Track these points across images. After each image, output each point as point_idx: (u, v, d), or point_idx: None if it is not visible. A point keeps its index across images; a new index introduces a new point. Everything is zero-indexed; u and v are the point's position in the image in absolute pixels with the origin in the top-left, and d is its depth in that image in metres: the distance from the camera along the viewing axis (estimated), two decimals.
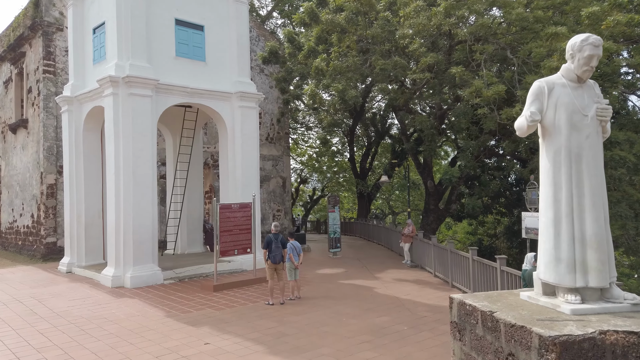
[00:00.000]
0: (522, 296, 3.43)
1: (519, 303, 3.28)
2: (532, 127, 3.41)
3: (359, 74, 15.94)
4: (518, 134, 3.60)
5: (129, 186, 13.06)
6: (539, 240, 3.39)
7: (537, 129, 3.53)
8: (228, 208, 13.05)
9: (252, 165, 15.85)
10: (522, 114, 3.54)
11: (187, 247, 17.97)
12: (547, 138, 3.41)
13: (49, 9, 18.56)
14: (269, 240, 10.80)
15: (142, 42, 13.61)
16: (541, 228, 3.37)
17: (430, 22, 15.28)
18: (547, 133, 3.43)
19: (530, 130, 3.43)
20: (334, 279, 13.77)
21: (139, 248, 13.09)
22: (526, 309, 3.13)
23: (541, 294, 3.30)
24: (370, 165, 33.92)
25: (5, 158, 22.25)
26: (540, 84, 3.52)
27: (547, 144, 3.41)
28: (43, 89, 18.36)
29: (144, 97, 13.37)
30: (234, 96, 15.48)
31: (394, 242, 19.84)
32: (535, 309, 3.12)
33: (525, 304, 3.26)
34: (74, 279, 14.04)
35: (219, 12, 15.49)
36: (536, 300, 3.26)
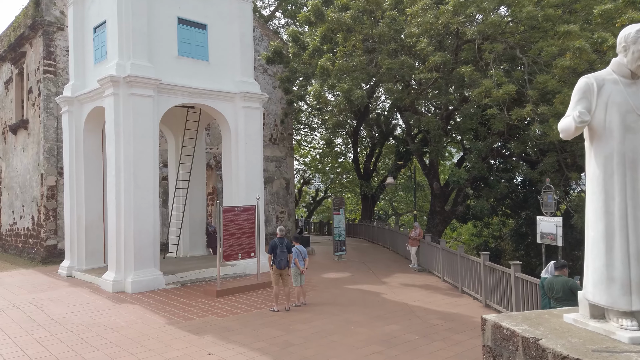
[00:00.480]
0: (567, 319, 3.07)
1: (564, 327, 2.92)
2: (580, 129, 3.06)
3: (365, 74, 15.60)
4: (562, 136, 3.24)
5: (129, 189, 12.74)
6: (586, 256, 3.04)
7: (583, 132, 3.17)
8: (232, 211, 12.73)
9: (256, 166, 15.52)
10: (567, 114, 3.18)
11: (189, 250, 17.66)
12: (596, 141, 3.06)
13: (50, 8, 18.28)
14: (274, 244, 10.47)
15: (144, 41, 13.30)
16: (589, 243, 3.01)
17: (437, 20, 14.93)
18: (596, 136, 3.08)
19: (577, 132, 3.08)
20: (339, 284, 13.43)
21: (140, 252, 12.77)
22: (575, 335, 2.77)
23: (589, 316, 2.94)
24: (375, 167, 33.57)
25: (6, 159, 21.98)
26: (588, 80, 3.14)
27: (596, 148, 3.05)
28: (43, 89, 18.08)
29: (146, 97, 13.06)
30: (238, 96, 15.16)
31: (400, 245, 19.48)
32: (586, 335, 2.76)
33: (572, 328, 2.91)
34: (74, 284, 13.73)
35: (222, 10, 15.17)
36: (584, 325, 2.91)
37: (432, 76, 14.54)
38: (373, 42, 16.49)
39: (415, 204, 24.20)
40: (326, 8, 16.97)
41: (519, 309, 9.28)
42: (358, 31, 15.41)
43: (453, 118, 21.44)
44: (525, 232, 24.00)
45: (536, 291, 8.67)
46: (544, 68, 14.56)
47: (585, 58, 12.70)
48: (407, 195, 44.97)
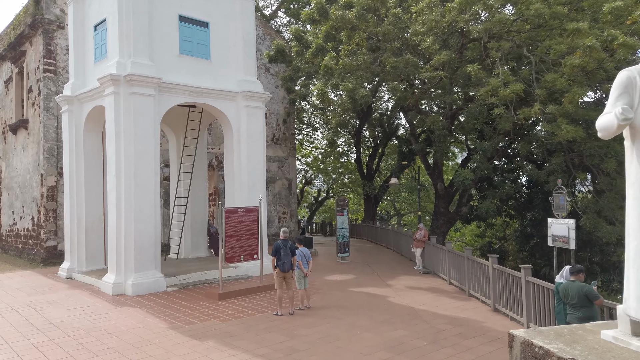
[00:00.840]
0: (605, 336, 2.81)
1: (604, 346, 2.66)
2: (622, 127, 2.79)
3: (369, 73, 15.35)
4: (601, 135, 2.98)
5: (130, 189, 12.51)
6: (626, 267, 2.79)
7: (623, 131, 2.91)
8: (234, 212, 12.49)
9: (259, 167, 15.28)
10: (606, 110, 2.92)
11: (190, 252, 17.43)
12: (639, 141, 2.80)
13: (50, 6, 18.06)
14: (277, 247, 10.22)
15: (145, 39, 13.07)
16: (631, 254, 2.75)
17: (443, 18, 14.67)
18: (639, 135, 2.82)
19: (619, 130, 2.82)
20: (344, 287, 13.18)
21: (140, 254, 12.54)
22: (618, 356, 2.51)
23: (630, 334, 2.68)
24: (377, 167, 33.31)
25: (6, 159, 21.78)
26: (630, 73, 2.87)
27: (638, 149, 2.79)
28: (43, 89, 17.86)
29: (147, 96, 12.83)
30: (240, 96, 14.92)
31: (404, 246, 19.24)
32: (630, 356, 2.51)
33: (613, 348, 2.65)
34: (74, 286, 13.51)
35: (224, 8, 14.93)
36: (626, 344, 2.65)
37: (437, 75, 14.28)
38: (377, 40, 16.24)
39: (419, 205, 23.88)
40: (330, 6, 16.72)
41: (530, 313, 9.03)
42: (362, 29, 15.16)
43: (457, 118, 21.17)
44: (530, 233, 23.71)
45: (548, 296, 8.42)
46: (551, 67, 14.29)
47: (595, 56, 12.44)
48: (410, 196, 44.77)
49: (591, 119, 15.06)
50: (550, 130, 13.19)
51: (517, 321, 9.60)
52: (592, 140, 15.03)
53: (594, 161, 15.09)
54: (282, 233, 10.55)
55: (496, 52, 14.22)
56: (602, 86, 16.41)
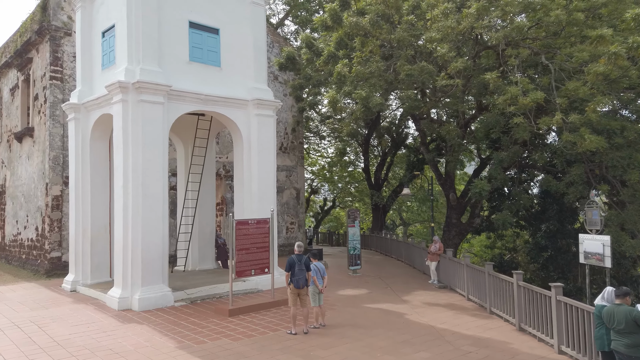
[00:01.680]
0: None
1: None
2: None
3: (382, 81, 14.94)
4: None
5: (138, 200, 12.09)
6: None
7: None
8: (245, 224, 12.03)
9: (269, 177, 14.85)
10: None
11: (198, 264, 16.96)
12: None
13: (57, 13, 17.81)
14: (292, 262, 9.75)
15: (154, 46, 12.72)
16: None
17: (459, 25, 14.28)
18: None
19: None
20: (358, 302, 12.66)
21: (148, 267, 12.09)
22: None
23: None
24: (386, 176, 32.83)
25: (11, 168, 21.45)
26: None
27: None
28: (50, 96, 17.55)
29: (155, 104, 12.45)
30: (250, 104, 14.54)
31: (417, 259, 18.71)
32: None
33: None
34: (78, 300, 13.05)
35: (234, 14, 14.60)
36: None
37: (454, 82, 13.85)
38: (390, 48, 15.85)
39: (428, 216, 23.32)
40: (343, 12, 16.35)
41: (561, 335, 8.49)
42: (376, 36, 14.78)
43: (469, 126, 20.72)
44: (545, 245, 23.13)
45: (582, 317, 7.90)
46: (572, 74, 13.85)
47: (620, 64, 12.00)
48: (418, 206, 44.21)
49: (612, 129, 14.60)
50: (572, 140, 12.70)
51: (546, 342, 9.06)
52: (614, 151, 14.55)
53: (616, 172, 14.59)
54: (296, 247, 10.07)
55: (514, 59, 13.78)
56: (623, 96, 15.95)
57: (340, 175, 42.61)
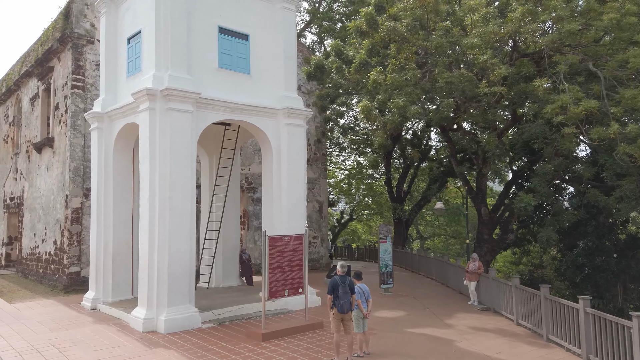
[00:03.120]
0: None
1: None
2: None
3: (419, 89, 14.16)
4: None
5: (164, 214, 11.36)
6: None
7: None
8: (278, 240, 11.23)
9: (299, 190, 14.07)
10: None
11: (222, 280, 16.19)
12: None
13: (80, 20, 17.37)
14: (335, 284, 8.89)
15: (183, 52, 12.09)
16: None
17: (501, 30, 13.48)
18: None
19: None
20: (398, 326, 11.72)
21: (174, 286, 11.32)
22: None
23: None
24: (409, 189, 31.88)
25: (29, 179, 20.96)
26: None
27: None
28: (71, 105, 17.02)
29: (184, 112, 11.77)
30: (280, 113, 13.83)
31: (451, 277, 17.72)
32: None
33: None
34: (100, 319, 12.29)
35: (264, 20, 13.97)
36: None
37: (500, 90, 13.00)
38: (425, 54, 15.09)
39: (468, 233, 22.29)
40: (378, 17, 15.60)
41: None
42: (412, 42, 14.03)
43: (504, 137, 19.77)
44: (582, 263, 21.95)
45: None
46: (625, 82, 12.94)
47: None
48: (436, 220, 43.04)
49: None
50: (630, 152, 11.75)
51: None
52: None
53: None
54: (339, 267, 9.22)
55: (564, 65, 12.91)
56: None
57: (357, 187, 41.79)
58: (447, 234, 45.26)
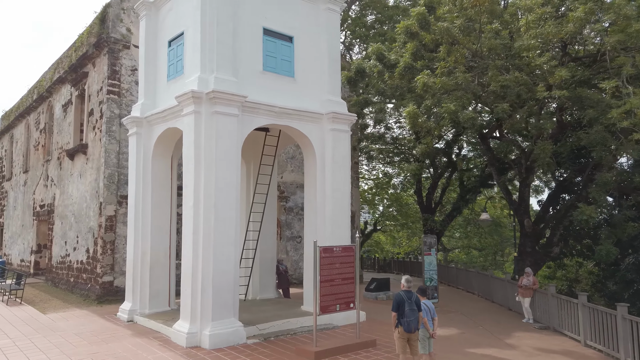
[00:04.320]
0: None
1: None
2: None
3: (470, 93, 13.45)
4: None
5: (209, 222, 10.80)
6: None
7: None
8: (330, 252, 10.56)
9: (344, 198, 13.43)
10: None
11: (259, 292, 15.56)
12: None
13: (116, 25, 17.11)
14: (400, 300, 8.18)
15: (229, 54, 11.61)
16: None
17: (560, 31, 12.73)
18: None
19: None
20: (455, 345, 10.91)
21: (219, 298, 10.71)
22: None
23: None
24: (440, 200, 30.96)
25: (60, 186, 20.70)
26: None
27: None
28: (106, 111, 16.70)
29: (230, 116, 11.26)
30: (325, 117, 13.25)
31: (497, 292, 16.83)
32: None
33: None
34: (139, 332, 11.74)
35: (309, 21, 13.46)
36: None
37: (561, 94, 12.21)
38: (473, 57, 14.38)
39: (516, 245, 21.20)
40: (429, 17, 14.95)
41: None
42: (463, 44, 13.36)
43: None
44: (631, 278, 20.82)
45: None
46: None
47: None
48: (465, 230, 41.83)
49: None
50: None
51: None
52: None
53: None
54: (404, 282, 8.50)
55: (630, 67, 12.09)
56: None
57: (382, 197, 41.00)
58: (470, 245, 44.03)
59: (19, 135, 27.70)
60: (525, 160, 19.59)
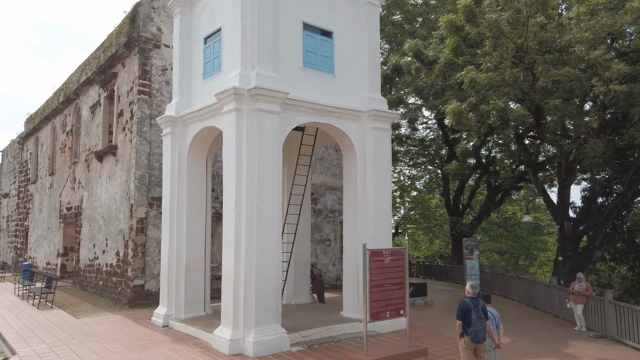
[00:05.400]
0: None
1: None
2: None
3: (517, 89, 12.83)
4: None
5: (252, 225, 10.35)
6: None
7: None
8: (379, 255, 10.03)
9: (385, 199, 12.89)
10: None
11: (293, 297, 15.09)
12: None
13: (147, 24, 16.84)
14: (466, 307, 7.60)
15: (270, 49, 11.18)
16: None
17: (615, 22, 12.05)
18: None
19: None
20: (513, 356, 10.25)
21: (262, 303, 10.24)
22: None
23: None
24: (468, 202, 30.20)
25: (89, 188, 20.51)
26: None
27: None
28: (137, 112, 16.42)
29: (272, 113, 10.81)
30: (365, 115, 12.74)
31: (539, 298, 16.09)
32: None
33: None
34: (176, 338, 11.32)
35: (348, 16, 13.00)
36: None
37: (620, 89, 11.53)
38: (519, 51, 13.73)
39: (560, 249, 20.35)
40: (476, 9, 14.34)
41: None
42: (510, 38, 12.75)
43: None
44: None
45: None
46: None
47: None
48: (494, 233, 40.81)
49: None
50: None
51: None
52: None
53: None
54: (469, 288, 7.91)
55: None
56: None
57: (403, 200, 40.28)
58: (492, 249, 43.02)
59: (45, 138, 27.69)
60: (565, 160, 18.85)
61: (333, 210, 21.90)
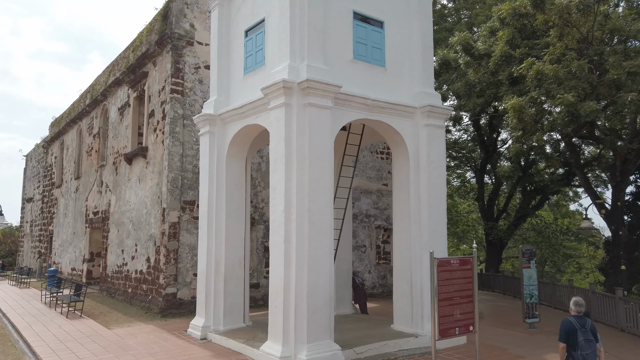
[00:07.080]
0: None
1: None
2: None
3: (585, 82, 11.74)
4: None
5: (303, 229, 9.44)
6: None
7: None
8: (447, 265, 9.00)
9: (440, 203, 11.87)
10: None
11: (335, 307, 13.94)
12: None
13: (180, 21, 16.14)
14: (571, 327, 6.56)
15: (320, 39, 10.30)
16: None
17: None
18: None
19: None
20: None
21: (314, 317, 9.31)
22: None
23: None
24: (505, 207, 28.90)
25: (116, 192, 19.86)
26: None
27: None
28: (170, 111, 15.68)
29: (324, 108, 9.91)
30: (419, 111, 11.76)
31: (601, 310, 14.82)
32: None
33: None
34: (218, 353, 10.42)
35: (399, 5, 12.07)
36: None
37: None
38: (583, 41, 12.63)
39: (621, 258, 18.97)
40: None
41: None
42: (578, 26, 11.68)
43: None
44: None
45: None
46: None
47: None
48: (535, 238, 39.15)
49: None
50: None
51: None
52: None
53: None
54: (573, 306, 6.83)
55: None
56: None
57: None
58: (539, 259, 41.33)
59: (70, 142, 27.27)
60: (620, 162, 17.62)
61: (368, 214, 20.92)
